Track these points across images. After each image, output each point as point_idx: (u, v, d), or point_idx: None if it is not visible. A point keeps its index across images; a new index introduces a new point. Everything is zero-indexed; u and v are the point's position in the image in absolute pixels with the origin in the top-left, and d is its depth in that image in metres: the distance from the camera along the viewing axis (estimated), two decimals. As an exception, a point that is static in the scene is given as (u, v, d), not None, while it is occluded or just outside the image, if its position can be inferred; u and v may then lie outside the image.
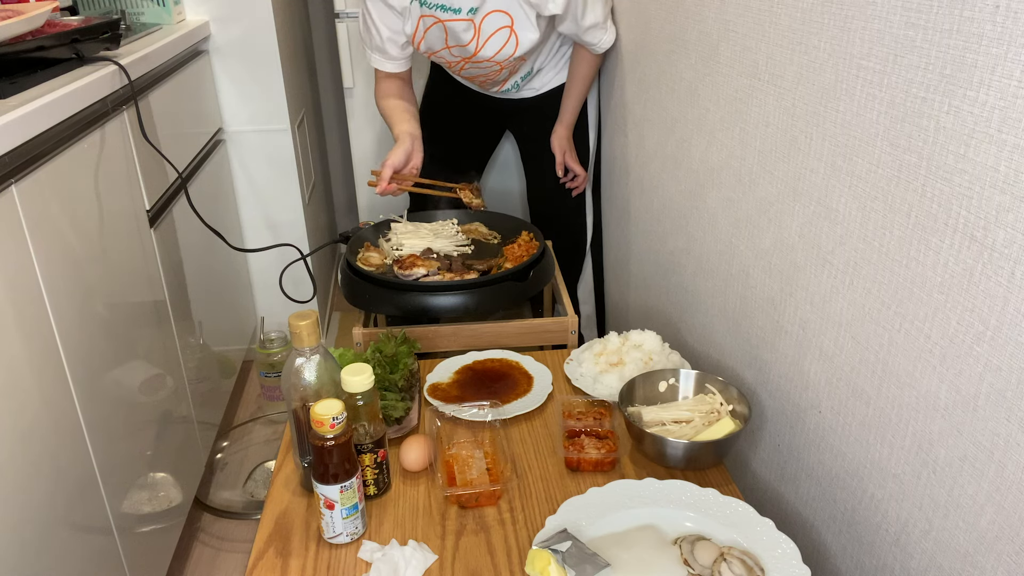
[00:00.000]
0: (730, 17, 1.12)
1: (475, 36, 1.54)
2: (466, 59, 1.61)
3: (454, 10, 1.50)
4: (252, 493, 1.75)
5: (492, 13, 1.51)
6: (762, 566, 0.87)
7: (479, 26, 1.52)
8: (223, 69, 1.93)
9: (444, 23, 1.51)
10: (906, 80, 0.76)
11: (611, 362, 1.25)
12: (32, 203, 0.99)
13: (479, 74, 1.69)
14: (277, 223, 2.10)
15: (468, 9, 1.49)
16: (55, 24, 1.24)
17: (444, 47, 1.59)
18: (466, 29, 1.52)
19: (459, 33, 1.53)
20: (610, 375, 1.23)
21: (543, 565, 0.86)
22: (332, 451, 0.90)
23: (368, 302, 1.40)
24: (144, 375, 1.34)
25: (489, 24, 1.52)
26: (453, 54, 1.60)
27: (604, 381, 1.23)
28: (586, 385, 1.24)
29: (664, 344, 1.27)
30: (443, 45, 1.58)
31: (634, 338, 1.29)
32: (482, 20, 1.51)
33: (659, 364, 1.23)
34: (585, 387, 1.24)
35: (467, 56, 1.60)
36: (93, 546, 1.12)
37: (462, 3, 1.49)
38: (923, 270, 0.77)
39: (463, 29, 1.52)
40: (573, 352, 1.33)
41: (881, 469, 0.87)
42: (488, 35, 1.54)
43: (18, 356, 0.94)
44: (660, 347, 1.26)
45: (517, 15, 1.51)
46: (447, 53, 1.61)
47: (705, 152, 1.26)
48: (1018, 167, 0.64)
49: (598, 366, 1.26)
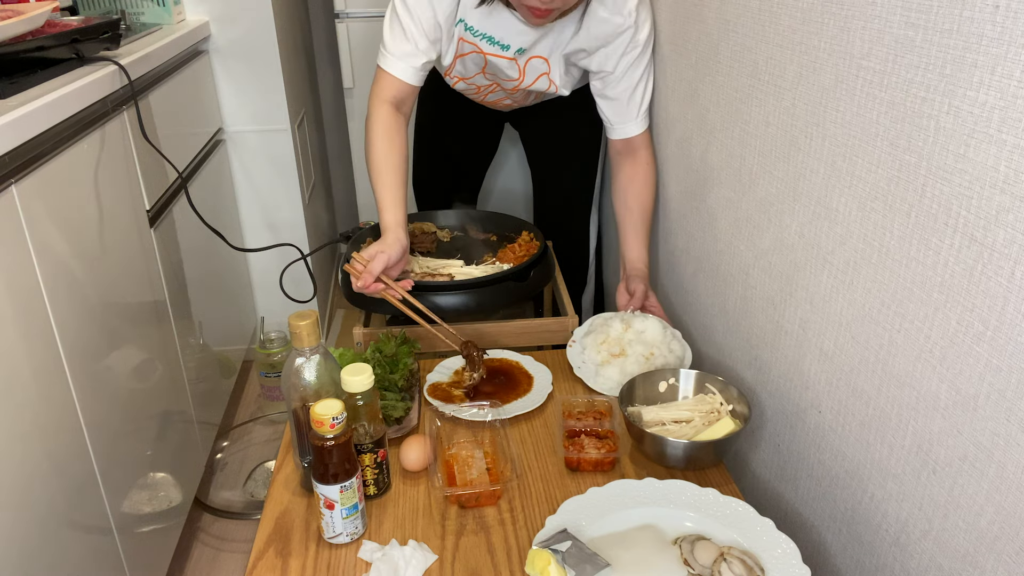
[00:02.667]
0: (730, 17, 1.12)
1: (520, 76, 1.47)
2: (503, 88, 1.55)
3: (502, 46, 1.42)
4: (252, 493, 1.75)
5: (534, 58, 1.44)
6: (762, 566, 0.87)
7: (524, 68, 1.45)
8: (223, 69, 1.93)
9: (486, 55, 1.44)
10: (906, 80, 0.76)
11: (613, 352, 1.25)
12: (32, 203, 0.99)
13: (505, 97, 1.61)
14: (277, 223, 2.10)
15: (516, 49, 1.41)
16: (55, 24, 1.24)
17: (480, 72, 1.51)
18: (511, 67, 1.45)
19: (503, 69, 1.46)
20: (611, 367, 1.24)
21: (543, 565, 0.86)
22: (332, 451, 0.90)
23: (368, 302, 1.40)
24: (144, 375, 1.34)
25: (532, 68, 1.46)
26: (488, 78, 1.53)
27: (605, 374, 1.24)
28: (587, 376, 1.25)
29: (666, 330, 1.27)
30: (479, 71, 1.50)
31: (636, 325, 1.27)
32: (526, 63, 1.45)
33: (660, 356, 1.24)
34: (586, 378, 1.25)
35: (507, 89, 1.54)
36: (93, 546, 1.12)
37: (512, 41, 1.40)
38: (923, 270, 0.77)
39: (508, 67, 1.45)
40: (575, 332, 1.33)
41: (881, 469, 0.87)
42: (533, 79, 1.48)
43: (18, 356, 0.94)
44: (662, 335, 1.26)
45: (554, 64, 1.45)
46: (481, 78, 1.53)
47: (705, 152, 1.26)
48: (1018, 167, 0.64)
49: (600, 355, 1.26)
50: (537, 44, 1.42)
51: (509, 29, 1.39)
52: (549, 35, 1.40)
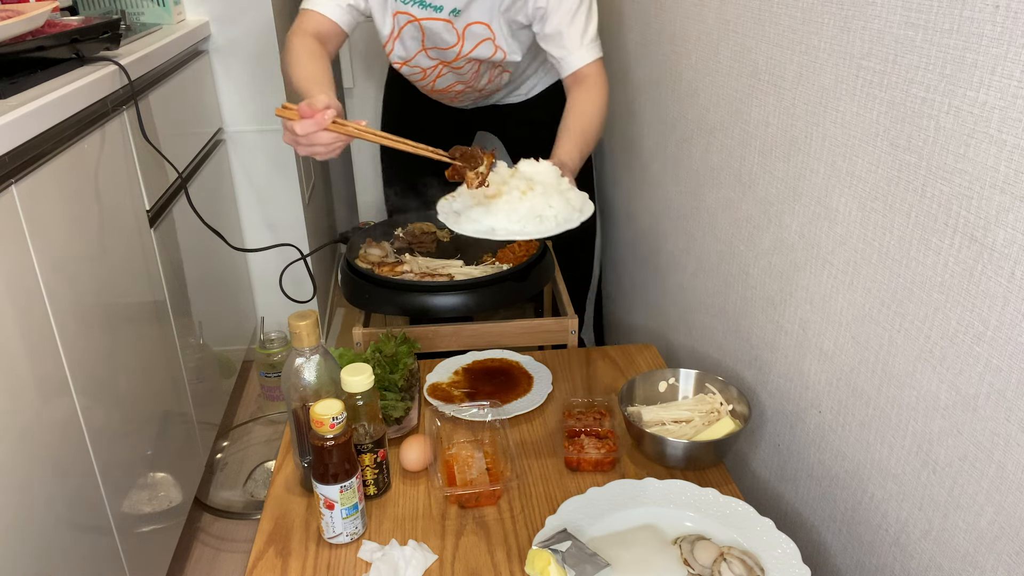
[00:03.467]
0: (730, 17, 1.12)
1: (459, 41, 1.42)
2: (445, 63, 1.49)
3: (434, 8, 1.36)
4: (252, 493, 1.75)
5: (474, 24, 1.39)
6: (762, 566, 0.87)
7: (463, 33, 1.40)
8: (223, 69, 1.93)
9: (420, 22, 1.39)
10: (906, 80, 0.76)
11: (488, 194, 1.08)
12: (32, 203, 0.99)
13: (456, 82, 1.55)
14: (277, 223, 2.10)
15: (450, 10, 1.37)
16: (55, 24, 1.24)
17: (420, 49, 1.46)
18: (447, 30, 1.40)
19: (440, 33, 1.41)
20: (479, 209, 1.07)
21: (543, 565, 0.86)
22: (332, 451, 0.90)
23: (368, 302, 1.40)
24: (144, 375, 1.34)
25: (473, 34, 1.41)
26: (431, 57, 1.47)
27: (470, 215, 1.06)
28: (447, 217, 1.09)
29: (563, 177, 1.12)
30: (419, 47, 1.45)
31: (526, 169, 1.11)
32: (465, 28, 1.40)
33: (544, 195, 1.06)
34: (447, 219, 1.08)
35: (447, 60, 1.48)
36: (93, 546, 1.12)
37: (444, 1, 1.36)
38: (923, 270, 0.77)
39: (444, 29, 1.40)
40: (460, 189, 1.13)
41: (881, 469, 0.87)
42: (473, 44, 1.43)
43: (18, 356, 0.94)
44: (555, 178, 1.10)
45: (497, 30, 1.41)
46: (423, 57, 1.48)
47: (705, 152, 1.26)
48: (1018, 167, 0.64)
49: (474, 199, 1.09)
50: (472, 6, 1.37)
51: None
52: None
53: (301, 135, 1.01)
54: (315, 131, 1.01)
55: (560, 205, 1.07)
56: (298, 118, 1.01)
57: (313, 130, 1.01)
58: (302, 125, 1.00)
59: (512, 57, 1.45)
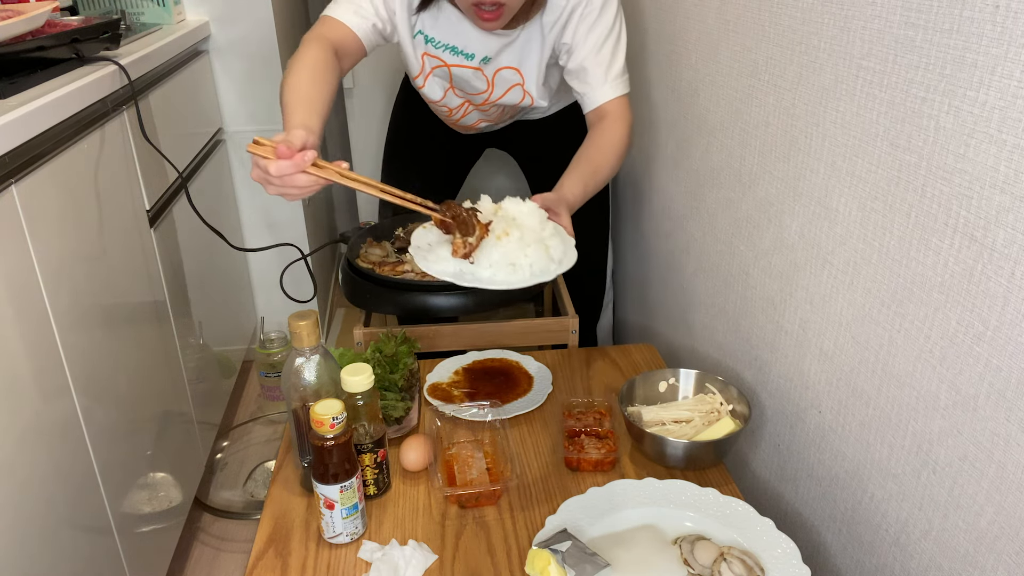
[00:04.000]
0: (730, 17, 1.12)
1: (490, 88, 1.39)
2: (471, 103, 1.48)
3: (465, 55, 1.34)
4: (252, 493, 1.75)
5: (504, 69, 1.37)
6: (762, 566, 0.87)
7: (492, 79, 1.38)
8: (223, 69, 1.93)
9: (450, 68, 1.37)
10: (906, 80, 0.76)
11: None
12: (32, 203, 0.99)
13: (480, 120, 1.54)
14: (277, 223, 2.10)
15: (481, 58, 1.34)
16: (55, 24, 1.24)
17: (448, 87, 1.44)
18: (477, 77, 1.38)
19: (469, 80, 1.39)
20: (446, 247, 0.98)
21: (543, 565, 0.86)
22: (332, 451, 0.90)
23: (369, 301, 1.40)
24: (144, 375, 1.34)
25: (503, 79, 1.38)
26: (458, 95, 1.45)
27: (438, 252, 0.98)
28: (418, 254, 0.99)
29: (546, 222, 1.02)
30: (448, 86, 1.43)
31: (511, 208, 1.01)
32: (495, 74, 1.37)
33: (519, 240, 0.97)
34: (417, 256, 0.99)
35: (475, 103, 1.47)
36: (93, 546, 1.12)
37: (475, 49, 1.33)
38: (923, 270, 0.77)
39: (473, 76, 1.38)
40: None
41: (881, 469, 0.87)
42: (503, 90, 1.40)
43: (18, 356, 0.94)
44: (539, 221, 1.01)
45: (528, 74, 1.37)
46: (452, 95, 1.45)
47: (705, 152, 1.26)
48: (1018, 167, 0.64)
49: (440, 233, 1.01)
50: (503, 53, 1.34)
51: (470, 37, 1.32)
52: (516, 43, 1.33)
53: (275, 175, 0.89)
54: (292, 173, 0.89)
55: (536, 255, 0.98)
56: (274, 157, 0.89)
57: (290, 172, 0.89)
58: (278, 166, 0.88)
59: (539, 103, 1.43)
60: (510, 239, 0.97)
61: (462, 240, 0.97)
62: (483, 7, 1.19)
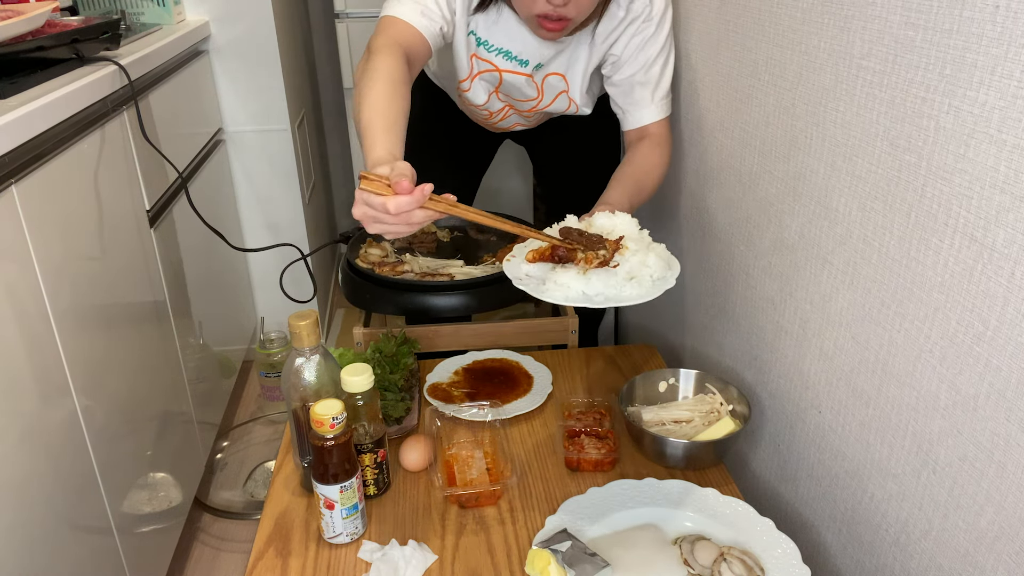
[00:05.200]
0: (730, 17, 1.12)
1: (539, 95, 1.35)
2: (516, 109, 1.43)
3: (520, 61, 1.28)
4: (252, 493, 1.75)
5: (551, 75, 1.33)
6: (762, 566, 0.87)
7: (542, 86, 1.34)
8: (223, 69, 1.93)
9: (501, 73, 1.31)
10: (906, 80, 0.76)
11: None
12: (32, 203, 0.99)
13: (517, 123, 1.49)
14: (277, 223, 2.10)
15: (535, 65, 1.29)
16: (55, 24, 1.24)
17: (493, 91, 1.37)
18: (528, 84, 1.33)
19: (520, 87, 1.33)
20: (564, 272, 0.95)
21: (543, 565, 0.86)
22: (332, 451, 0.90)
23: (368, 301, 1.40)
24: (144, 375, 1.34)
25: (550, 86, 1.34)
26: (501, 100, 1.40)
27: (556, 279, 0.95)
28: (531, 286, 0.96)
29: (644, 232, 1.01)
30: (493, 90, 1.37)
31: (601, 221, 1.01)
32: (543, 80, 1.33)
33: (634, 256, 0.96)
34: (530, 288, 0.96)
35: (520, 109, 1.42)
36: (93, 546, 1.12)
37: (530, 56, 1.27)
38: (923, 270, 0.77)
39: (524, 84, 1.33)
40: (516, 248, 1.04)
41: (881, 469, 0.87)
42: (551, 98, 1.36)
43: (18, 356, 0.94)
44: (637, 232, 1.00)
45: (573, 80, 1.33)
46: (495, 101, 1.40)
47: (705, 152, 1.26)
48: (1018, 167, 0.64)
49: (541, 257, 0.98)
50: (555, 59, 1.30)
51: (527, 43, 1.26)
52: (567, 49, 1.29)
53: (395, 213, 0.84)
54: (412, 209, 0.84)
55: (655, 264, 0.96)
56: (390, 193, 0.84)
57: (410, 208, 0.84)
58: (397, 203, 0.83)
59: (584, 111, 1.39)
60: (630, 252, 0.96)
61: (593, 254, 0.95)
62: (548, 18, 1.14)
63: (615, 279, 0.94)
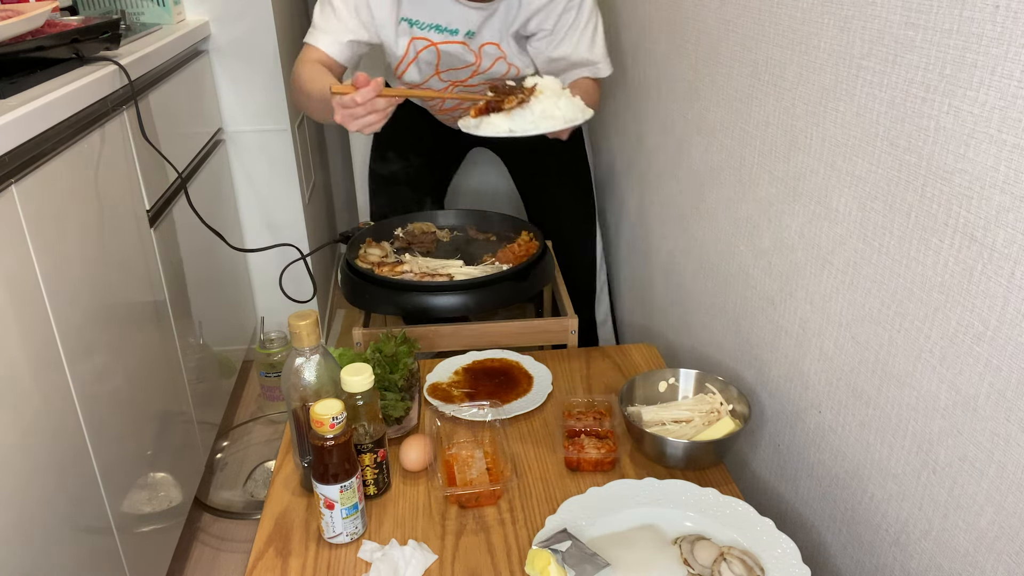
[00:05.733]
0: (730, 17, 1.12)
1: (477, 60, 1.48)
2: (457, 82, 1.55)
3: (450, 31, 1.43)
4: (252, 493, 1.75)
5: (487, 44, 1.46)
6: (762, 566, 0.87)
7: (479, 52, 1.47)
8: (223, 69, 1.93)
9: (438, 46, 1.46)
10: (906, 80, 0.76)
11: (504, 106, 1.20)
12: (32, 203, 0.99)
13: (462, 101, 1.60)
14: (277, 223, 2.10)
15: (465, 32, 1.43)
16: (55, 24, 1.24)
17: (434, 73, 1.52)
18: (465, 51, 1.47)
19: (458, 55, 1.47)
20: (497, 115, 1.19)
21: (543, 565, 0.86)
22: (332, 451, 0.90)
23: (368, 302, 1.40)
24: (144, 375, 1.34)
25: (487, 54, 1.48)
26: (443, 79, 1.53)
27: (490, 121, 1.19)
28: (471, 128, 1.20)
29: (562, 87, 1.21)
30: (433, 71, 1.51)
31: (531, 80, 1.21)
32: (480, 48, 1.47)
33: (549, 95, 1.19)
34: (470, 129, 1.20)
35: (460, 80, 1.53)
36: (93, 546, 1.12)
37: (458, 24, 1.43)
38: (923, 270, 0.77)
39: (462, 51, 1.46)
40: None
41: (881, 469, 0.87)
42: (490, 63, 1.49)
43: (18, 356, 0.94)
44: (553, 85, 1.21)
45: (507, 48, 1.48)
46: (436, 80, 1.54)
47: (705, 152, 1.26)
48: (1018, 167, 0.64)
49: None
50: (484, 28, 1.44)
51: (452, 13, 1.41)
52: (494, 18, 1.43)
53: (362, 102, 1.09)
54: (374, 96, 1.09)
55: (567, 106, 1.19)
56: (355, 90, 1.10)
57: (373, 95, 1.09)
58: (363, 92, 1.09)
59: (525, 71, 1.52)
60: (544, 96, 1.18)
61: (513, 97, 1.18)
62: None
63: (531, 115, 1.17)
